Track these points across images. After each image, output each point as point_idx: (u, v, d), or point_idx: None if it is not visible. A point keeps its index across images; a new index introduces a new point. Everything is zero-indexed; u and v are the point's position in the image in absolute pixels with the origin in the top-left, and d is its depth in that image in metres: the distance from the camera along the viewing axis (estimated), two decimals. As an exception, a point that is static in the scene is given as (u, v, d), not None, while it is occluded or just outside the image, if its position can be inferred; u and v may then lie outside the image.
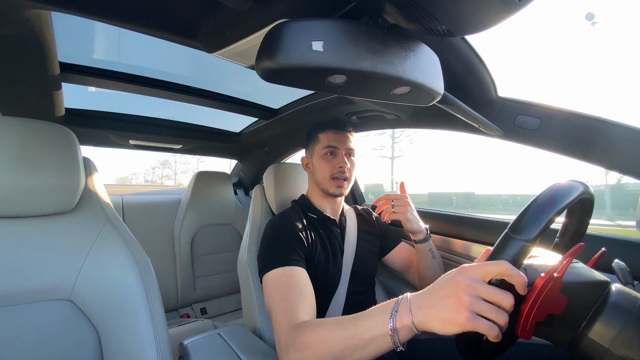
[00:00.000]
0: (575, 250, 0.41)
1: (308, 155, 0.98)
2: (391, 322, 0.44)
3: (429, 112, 0.94)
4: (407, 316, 0.43)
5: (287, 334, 0.60)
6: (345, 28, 0.38)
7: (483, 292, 0.39)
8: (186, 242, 1.64)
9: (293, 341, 0.57)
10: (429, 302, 0.43)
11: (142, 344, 0.58)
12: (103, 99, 1.24)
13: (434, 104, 0.54)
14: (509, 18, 0.38)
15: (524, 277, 0.39)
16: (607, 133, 0.68)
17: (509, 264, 0.39)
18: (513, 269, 0.39)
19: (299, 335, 0.57)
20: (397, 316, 0.44)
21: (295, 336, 0.57)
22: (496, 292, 0.39)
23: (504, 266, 0.39)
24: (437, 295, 0.42)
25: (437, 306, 0.41)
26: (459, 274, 0.42)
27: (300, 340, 0.56)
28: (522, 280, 0.39)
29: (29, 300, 0.57)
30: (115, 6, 0.51)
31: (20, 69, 0.68)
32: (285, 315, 0.64)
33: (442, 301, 0.41)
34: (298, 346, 0.56)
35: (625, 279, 0.48)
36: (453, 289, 0.41)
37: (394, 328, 0.44)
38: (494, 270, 0.39)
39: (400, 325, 0.44)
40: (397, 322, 0.44)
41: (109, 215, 0.69)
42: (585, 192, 0.46)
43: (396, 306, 0.46)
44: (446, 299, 0.41)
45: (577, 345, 0.42)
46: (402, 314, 0.44)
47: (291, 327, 0.60)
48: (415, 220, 0.91)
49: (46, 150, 0.61)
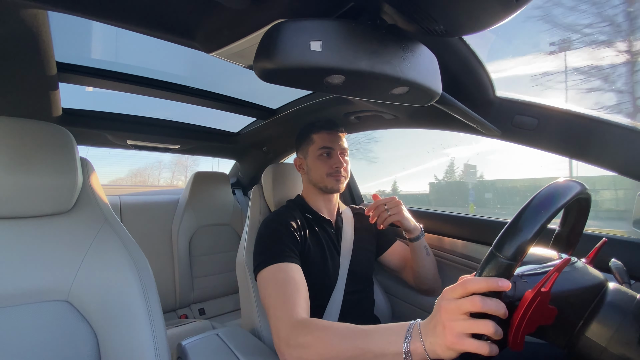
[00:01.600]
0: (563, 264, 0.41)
1: (301, 156, 0.98)
2: (405, 345, 0.46)
3: (427, 112, 0.94)
4: (419, 343, 0.45)
5: (288, 330, 0.61)
6: (343, 28, 0.38)
7: (464, 309, 0.40)
8: (184, 243, 1.64)
9: (295, 338, 0.59)
10: (430, 330, 0.45)
11: (140, 344, 0.58)
12: (101, 99, 1.23)
13: (432, 104, 0.54)
14: (507, 18, 0.38)
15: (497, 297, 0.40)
16: (604, 133, 0.68)
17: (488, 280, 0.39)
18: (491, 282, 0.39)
19: (302, 333, 0.58)
20: (412, 341, 0.46)
21: (298, 334, 0.59)
22: (477, 302, 0.39)
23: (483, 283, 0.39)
24: (433, 322, 0.44)
25: (434, 334, 0.44)
26: (441, 299, 0.44)
27: (303, 339, 0.57)
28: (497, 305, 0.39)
29: (26, 301, 0.57)
30: (112, 6, 0.50)
31: (17, 68, 0.67)
32: (284, 310, 0.64)
33: (436, 329, 0.43)
34: (301, 343, 0.57)
35: (622, 278, 0.49)
36: (439, 315, 0.43)
37: (408, 352, 0.46)
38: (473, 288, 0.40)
39: (414, 349, 0.46)
40: (411, 346, 0.46)
41: (106, 215, 0.68)
42: (582, 192, 0.46)
43: (409, 330, 0.48)
44: (437, 326, 0.43)
45: (574, 345, 0.42)
46: (415, 340, 0.46)
47: (292, 323, 0.61)
48: (410, 218, 0.91)
49: (43, 151, 0.61)
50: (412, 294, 1.08)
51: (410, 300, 1.10)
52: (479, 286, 0.39)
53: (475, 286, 0.40)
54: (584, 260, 0.51)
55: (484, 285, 0.39)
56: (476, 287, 0.40)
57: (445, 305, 0.42)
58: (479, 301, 0.39)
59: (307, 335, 0.58)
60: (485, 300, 0.39)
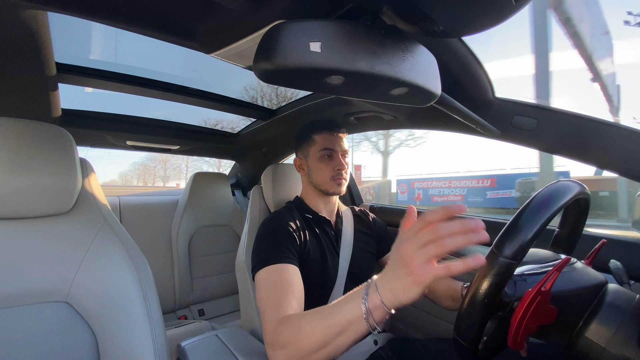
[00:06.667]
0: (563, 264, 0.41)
1: (301, 156, 0.97)
2: (364, 305, 0.47)
3: (427, 112, 0.94)
4: (376, 297, 0.46)
5: (271, 332, 0.61)
6: (342, 29, 0.38)
7: (424, 240, 0.41)
8: (184, 243, 1.64)
9: (277, 339, 0.58)
10: (389, 278, 0.46)
11: (140, 346, 0.58)
12: (100, 100, 1.23)
13: (432, 104, 0.54)
14: (506, 19, 0.38)
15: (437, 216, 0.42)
16: (603, 134, 0.69)
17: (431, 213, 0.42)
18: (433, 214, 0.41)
19: (281, 331, 0.58)
20: (369, 299, 0.47)
21: (279, 333, 0.58)
22: (436, 229, 0.40)
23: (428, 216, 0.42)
24: (392, 269, 0.46)
25: (396, 278, 0.44)
26: (399, 239, 0.45)
27: (283, 337, 0.57)
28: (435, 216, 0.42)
29: (25, 303, 0.56)
30: (112, 7, 0.50)
31: (17, 69, 0.67)
32: (271, 312, 0.64)
33: (397, 272, 0.44)
34: (282, 342, 0.57)
35: (622, 278, 0.49)
36: (398, 257, 0.44)
37: (367, 310, 0.46)
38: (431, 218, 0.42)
39: (373, 306, 0.46)
40: (369, 303, 0.46)
41: (106, 216, 0.68)
42: (581, 193, 0.46)
43: (366, 289, 0.48)
44: (399, 269, 0.44)
45: (574, 345, 0.42)
46: (372, 296, 0.47)
47: (274, 324, 0.61)
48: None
49: (43, 151, 0.61)
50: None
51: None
52: (436, 214, 0.41)
53: (432, 215, 0.42)
54: (583, 261, 0.51)
55: (441, 211, 0.41)
56: (434, 216, 0.41)
57: (405, 243, 0.43)
58: (439, 228, 0.40)
59: (285, 332, 0.57)
60: (445, 225, 0.40)
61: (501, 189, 9.10)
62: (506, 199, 8.96)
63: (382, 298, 0.45)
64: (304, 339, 0.53)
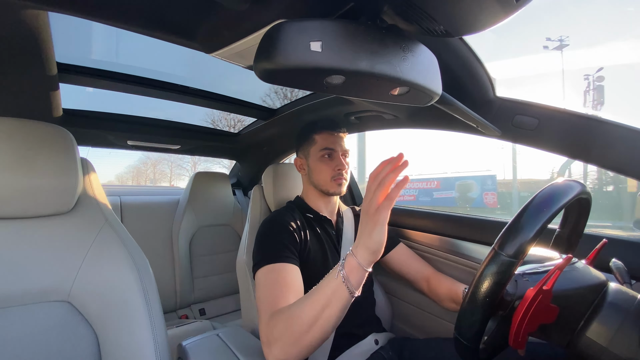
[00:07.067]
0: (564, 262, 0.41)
1: (302, 156, 0.97)
2: (342, 271, 0.54)
3: (428, 112, 0.94)
4: (352, 260, 0.54)
5: (265, 328, 0.61)
6: (343, 28, 0.38)
7: (370, 191, 0.53)
8: (185, 243, 1.64)
9: (271, 332, 0.59)
10: (359, 237, 0.54)
11: (141, 345, 0.58)
12: (101, 100, 1.23)
13: (433, 104, 0.54)
14: (507, 18, 0.38)
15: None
16: (605, 133, 0.68)
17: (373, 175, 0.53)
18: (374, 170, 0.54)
19: (275, 324, 0.59)
20: (345, 264, 0.54)
21: (272, 326, 0.60)
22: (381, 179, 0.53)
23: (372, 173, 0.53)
24: (360, 229, 0.55)
25: (362, 234, 0.53)
26: (362, 212, 0.54)
27: (276, 329, 0.58)
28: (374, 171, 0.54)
29: (26, 302, 0.57)
30: (113, 7, 0.50)
31: (18, 69, 0.67)
32: (266, 312, 0.64)
33: (362, 228, 0.54)
34: (276, 335, 0.58)
35: (623, 278, 0.49)
36: (365, 219, 0.53)
37: (345, 275, 0.53)
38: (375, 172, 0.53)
39: (349, 269, 0.53)
40: (345, 268, 0.54)
41: (107, 216, 0.68)
42: (583, 192, 0.46)
43: (344, 258, 0.55)
44: (363, 224, 0.54)
45: (575, 345, 0.42)
46: (348, 260, 0.54)
47: (267, 321, 0.62)
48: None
49: (44, 151, 0.61)
50: (412, 294, 1.08)
51: (410, 300, 1.10)
52: (376, 169, 0.53)
53: (374, 171, 0.53)
54: (584, 261, 0.51)
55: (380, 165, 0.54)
56: (375, 170, 0.53)
57: (365, 205, 0.53)
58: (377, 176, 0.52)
59: (278, 325, 0.59)
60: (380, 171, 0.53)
61: (444, 190, 10.24)
62: (448, 198, 10.04)
63: (357, 258, 0.53)
64: (295, 322, 0.56)
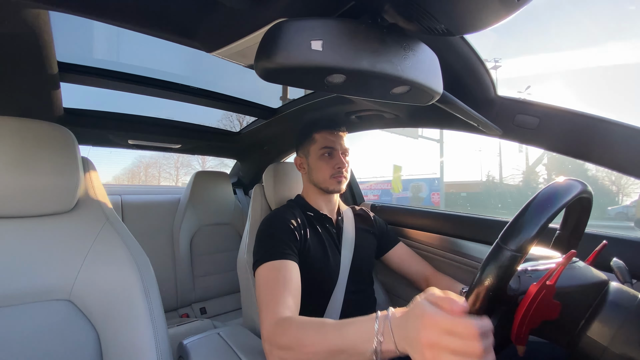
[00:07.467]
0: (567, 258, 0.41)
1: (302, 155, 0.97)
2: (376, 342, 0.44)
3: (428, 111, 0.94)
4: (391, 343, 0.43)
5: (269, 329, 0.61)
6: (344, 27, 0.38)
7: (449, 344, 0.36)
8: (185, 242, 1.64)
9: (275, 339, 0.59)
10: (404, 335, 0.42)
11: (142, 343, 0.58)
12: (102, 99, 1.23)
13: (433, 103, 0.54)
14: (508, 17, 0.38)
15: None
16: (606, 132, 0.68)
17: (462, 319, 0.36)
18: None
19: (282, 333, 0.58)
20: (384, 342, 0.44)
21: (278, 334, 0.59)
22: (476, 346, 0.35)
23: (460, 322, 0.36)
24: (407, 330, 0.42)
25: (410, 346, 0.40)
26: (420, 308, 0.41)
27: (283, 340, 0.57)
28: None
29: (28, 301, 0.57)
30: (114, 6, 0.50)
31: (19, 68, 0.67)
32: (269, 309, 0.65)
33: (412, 344, 0.40)
34: (281, 345, 0.57)
35: (624, 277, 0.49)
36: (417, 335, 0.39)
37: (379, 351, 0.44)
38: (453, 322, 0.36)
39: (386, 349, 0.44)
40: (383, 347, 0.44)
41: (108, 215, 0.69)
42: (584, 191, 0.46)
43: (378, 325, 0.45)
44: (414, 343, 0.39)
45: (575, 344, 0.42)
46: (387, 341, 0.44)
47: (273, 323, 0.62)
48: None
49: (45, 150, 0.61)
50: (412, 293, 1.08)
51: (410, 299, 1.10)
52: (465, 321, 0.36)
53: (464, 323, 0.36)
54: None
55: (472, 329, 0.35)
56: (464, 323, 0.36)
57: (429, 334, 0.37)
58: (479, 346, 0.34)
59: (285, 336, 0.57)
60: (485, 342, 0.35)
61: (403, 190, 11.66)
62: (404, 198, 11.49)
63: (397, 344, 0.42)
64: (305, 350, 0.53)
